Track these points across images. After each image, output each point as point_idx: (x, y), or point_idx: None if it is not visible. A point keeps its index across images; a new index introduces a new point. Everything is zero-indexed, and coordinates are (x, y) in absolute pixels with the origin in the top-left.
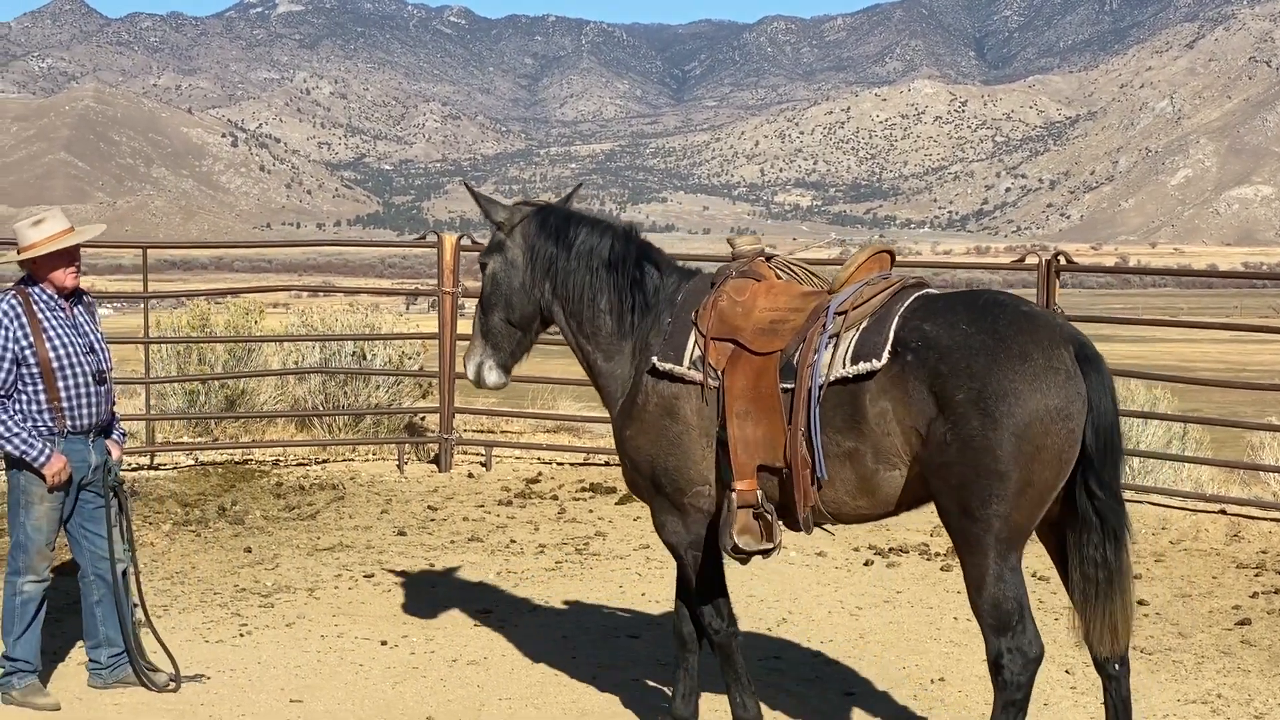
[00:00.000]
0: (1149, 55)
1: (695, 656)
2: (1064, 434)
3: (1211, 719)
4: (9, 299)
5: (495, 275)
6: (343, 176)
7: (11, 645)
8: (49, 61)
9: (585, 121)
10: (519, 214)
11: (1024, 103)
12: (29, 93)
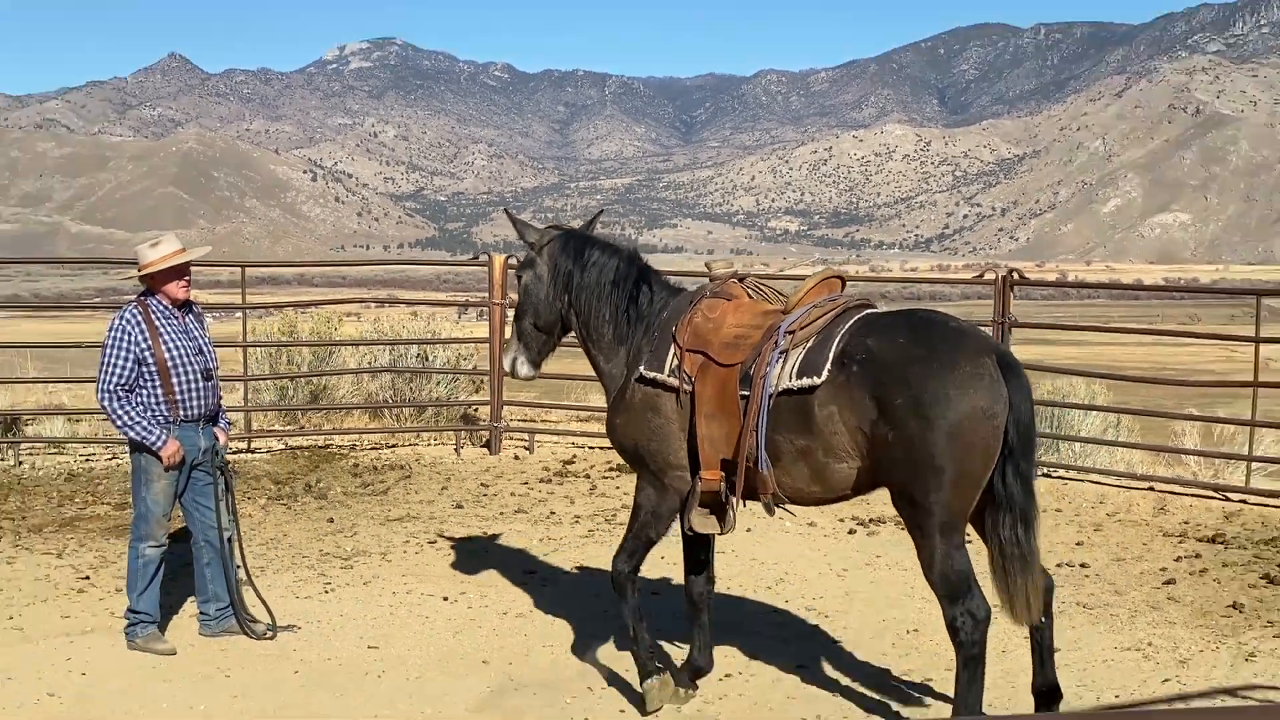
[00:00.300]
0: (1084, 103)
1: (706, 614)
2: (990, 431)
3: (1144, 664)
4: (131, 309)
5: (527, 287)
6: (404, 206)
7: (135, 600)
8: (159, 110)
9: (608, 160)
10: (547, 236)
11: (979, 143)
12: (142, 136)
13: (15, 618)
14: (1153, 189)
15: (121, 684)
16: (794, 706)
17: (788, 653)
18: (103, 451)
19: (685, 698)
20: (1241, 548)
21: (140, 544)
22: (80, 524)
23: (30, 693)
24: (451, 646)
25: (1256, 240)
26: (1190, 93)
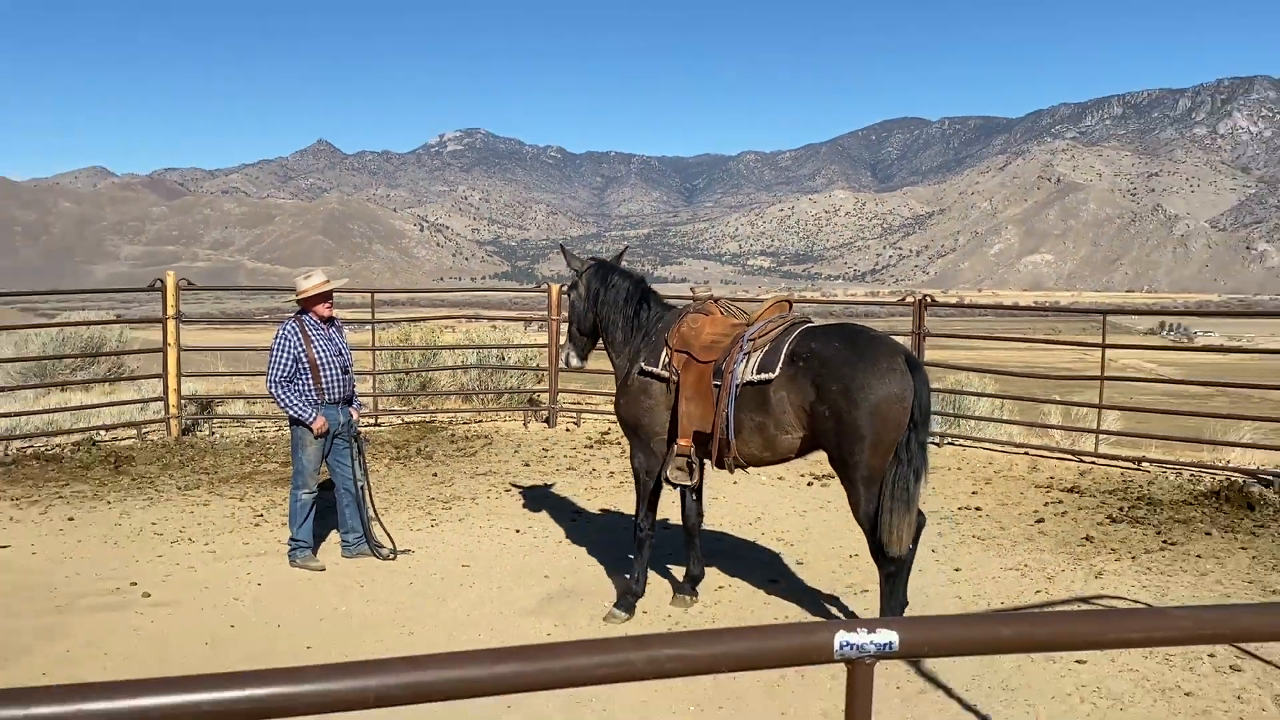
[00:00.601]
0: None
1: (696, 539)
2: (900, 410)
3: (1022, 580)
4: (290, 323)
5: (572, 302)
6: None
7: (295, 531)
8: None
9: (633, 215)
10: (586, 264)
11: (900, 203)
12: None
13: (210, 544)
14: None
15: (286, 590)
16: (769, 609)
17: (763, 571)
18: (271, 425)
19: (690, 603)
20: (1091, 496)
21: (298, 491)
22: (255, 477)
23: (222, 596)
24: (522, 564)
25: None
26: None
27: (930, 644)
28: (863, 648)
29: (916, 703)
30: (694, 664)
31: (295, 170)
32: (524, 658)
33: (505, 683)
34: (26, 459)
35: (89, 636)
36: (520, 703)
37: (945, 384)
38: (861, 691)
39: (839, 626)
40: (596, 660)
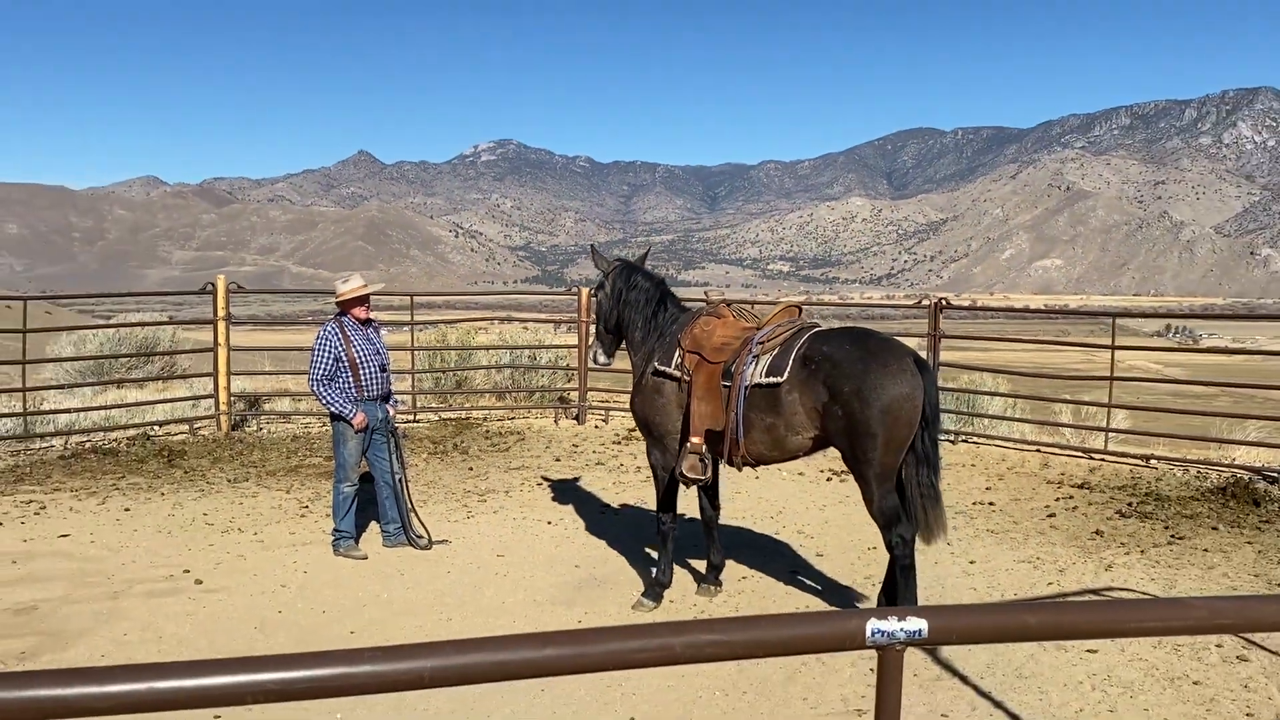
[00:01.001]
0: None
1: (715, 530)
2: (910, 409)
3: (1033, 572)
4: (331, 324)
5: (599, 302)
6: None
7: (338, 522)
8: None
9: (658, 222)
10: (612, 266)
11: (915, 210)
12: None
13: (258, 533)
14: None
15: (330, 578)
16: (790, 598)
17: (784, 563)
18: (315, 421)
19: (715, 593)
20: (1101, 492)
21: (340, 484)
22: (301, 470)
23: (270, 583)
24: (554, 555)
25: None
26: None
27: (959, 631)
28: (893, 635)
29: (933, 689)
30: (732, 650)
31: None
32: (570, 642)
33: (552, 665)
34: (85, 452)
35: (144, 620)
36: (552, 685)
37: (959, 384)
38: (892, 677)
39: (871, 614)
40: (638, 645)
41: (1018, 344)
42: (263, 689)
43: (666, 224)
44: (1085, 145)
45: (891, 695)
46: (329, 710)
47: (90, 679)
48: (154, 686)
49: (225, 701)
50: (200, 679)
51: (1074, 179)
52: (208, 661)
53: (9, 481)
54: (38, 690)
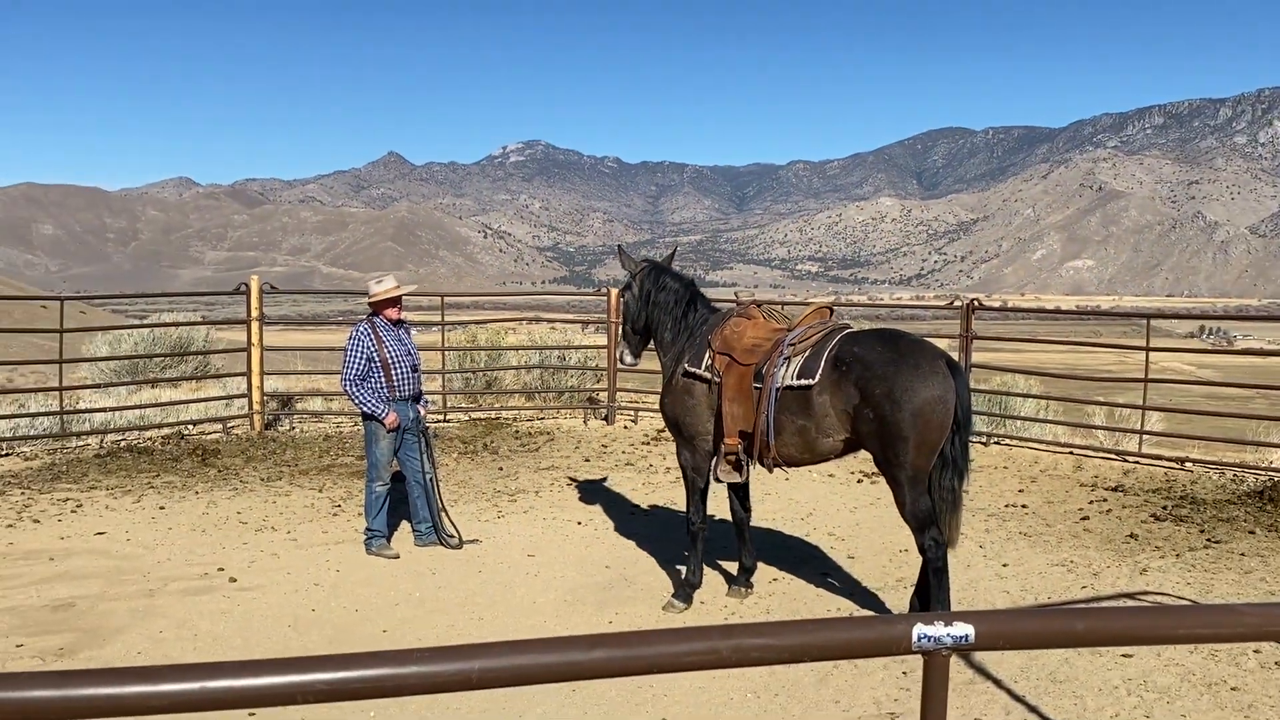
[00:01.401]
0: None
1: (746, 532)
2: (942, 412)
3: (1067, 575)
4: (363, 324)
5: (626, 302)
6: (546, 255)
7: (370, 521)
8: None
9: (686, 223)
10: (639, 266)
11: (945, 210)
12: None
13: (291, 532)
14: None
15: (363, 576)
16: (822, 601)
17: (815, 565)
18: (347, 420)
19: (745, 595)
20: (1136, 495)
21: (372, 483)
22: (333, 470)
23: (303, 581)
24: (584, 555)
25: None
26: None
27: (1005, 637)
28: (940, 640)
29: (966, 693)
30: (778, 653)
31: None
32: (618, 644)
33: (600, 667)
34: (120, 451)
35: (179, 618)
36: (584, 685)
37: (991, 385)
38: (938, 683)
39: (917, 619)
40: (686, 648)
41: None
42: (313, 689)
43: (694, 224)
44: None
45: (937, 702)
46: (362, 709)
47: (142, 678)
48: (206, 686)
49: (276, 701)
50: (252, 679)
51: (1106, 179)
52: (259, 661)
53: (46, 479)
54: (91, 689)
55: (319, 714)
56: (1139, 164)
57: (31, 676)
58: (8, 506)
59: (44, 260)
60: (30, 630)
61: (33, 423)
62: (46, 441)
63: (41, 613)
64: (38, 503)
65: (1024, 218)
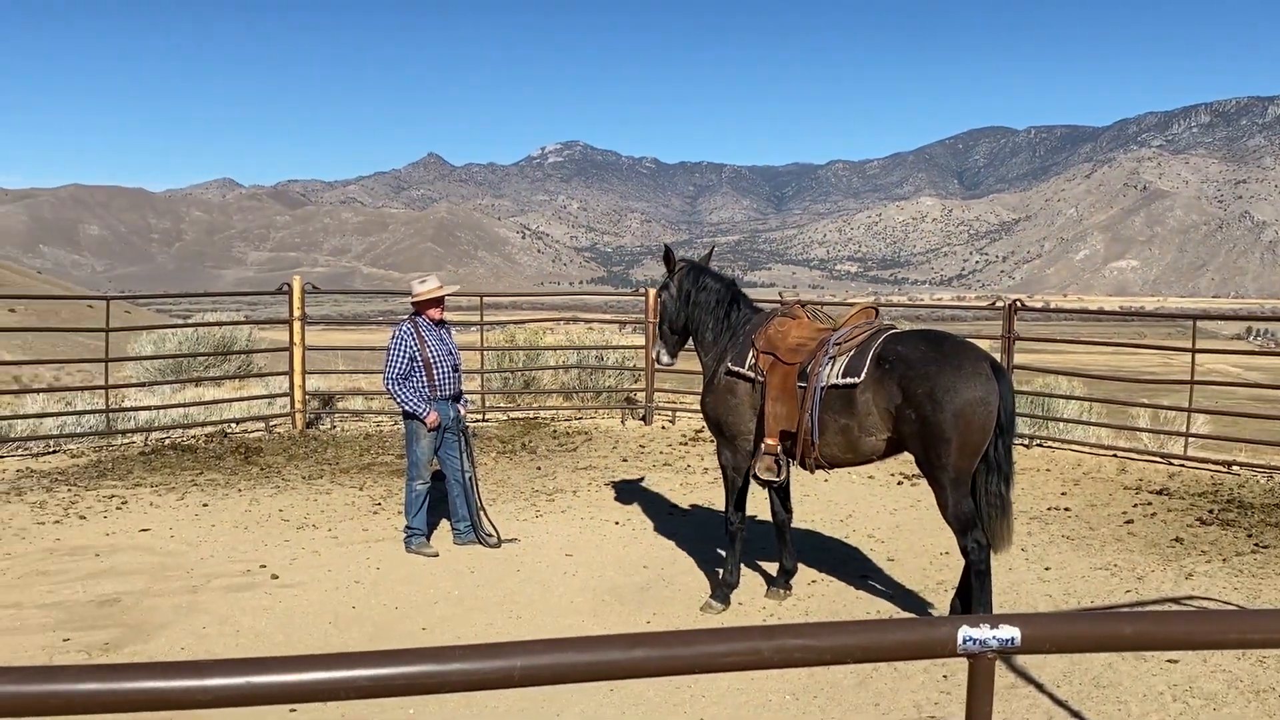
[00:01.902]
0: (1063, 182)
1: (787, 534)
2: (985, 413)
3: (1111, 579)
4: (406, 324)
5: (664, 302)
6: (584, 255)
7: (410, 519)
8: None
9: (724, 223)
10: (678, 267)
11: (986, 210)
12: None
13: (332, 530)
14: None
15: (403, 574)
16: (861, 603)
17: (854, 567)
18: (387, 419)
19: (784, 596)
20: (1181, 498)
21: (412, 482)
22: (373, 468)
23: (344, 578)
24: (621, 555)
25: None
26: (1139, 175)
27: (1052, 640)
28: (985, 643)
29: (1008, 698)
30: (820, 655)
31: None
32: (660, 644)
33: (641, 667)
34: (164, 449)
35: (222, 614)
36: (622, 685)
37: (1034, 387)
38: (983, 686)
39: (962, 621)
40: (727, 648)
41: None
42: (356, 685)
43: (732, 224)
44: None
45: (982, 706)
46: (401, 705)
47: (189, 673)
48: (251, 681)
49: (320, 696)
50: (296, 674)
51: (1151, 178)
52: (303, 657)
53: (92, 477)
54: (138, 683)
55: (358, 711)
56: (1184, 163)
57: (80, 670)
58: (55, 503)
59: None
60: (76, 625)
61: (79, 421)
62: (93, 439)
63: (87, 608)
64: (84, 499)
65: (1067, 218)
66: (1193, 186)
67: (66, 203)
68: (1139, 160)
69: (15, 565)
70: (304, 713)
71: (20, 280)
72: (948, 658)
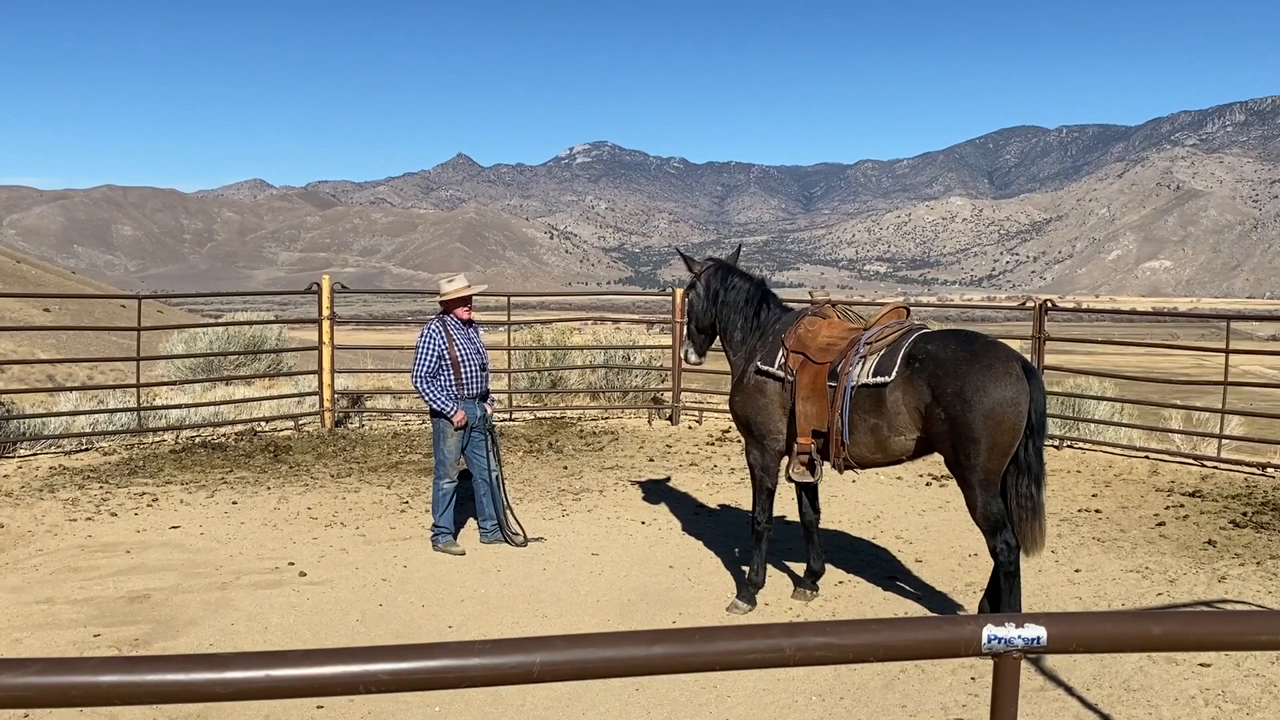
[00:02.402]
0: (1095, 182)
1: (815, 534)
2: (1015, 414)
3: (1142, 582)
4: (434, 323)
5: (691, 302)
6: (611, 255)
7: (437, 518)
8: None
9: (752, 223)
10: (704, 266)
11: (1017, 210)
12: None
13: (360, 528)
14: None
15: (429, 572)
16: (889, 604)
17: (882, 568)
18: (415, 418)
19: (810, 597)
20: (1214, 501)
21: (440, 480)
22: (401, 466)
23: (371, 576)
24: (647, 554)
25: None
26: (1173, 174)
27: (1079, 640)
28: (1010, 642)
29: (1036, 700)
30: (843, 653)
31: (436, 182)
32: (681, 640)
33: (661, 663)
34: (195, 447)
35: (251, 610)
36: (647, 684)
37: (1065, 387)
38: (1008, 686)
39: (987, 620)
40: (748, 645)
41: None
42: (375, 679)
43: (761, 224)
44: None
45: (1007, 705)
46: (427, 703)
47: (209, 665)
48: (271, 674)
49: (339, 691)
50: (316, 668)
51: (1184, 178)
52: (323, 651)
53: (124, 474)
54: (158, 675)
55: (384, 708)
56: (1219, 162)
57: (101, 662)
58: (87, 500)
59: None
60: (107, 621)
61: (111, 419)
62: (124, 437)
63: (118, 604)
64: (115, 497)
65: (1099, 217)
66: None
67: (100, 203)
68: (1172, 159)
69: (48, 561)
70: (330, 709)
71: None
72: (972, 657)
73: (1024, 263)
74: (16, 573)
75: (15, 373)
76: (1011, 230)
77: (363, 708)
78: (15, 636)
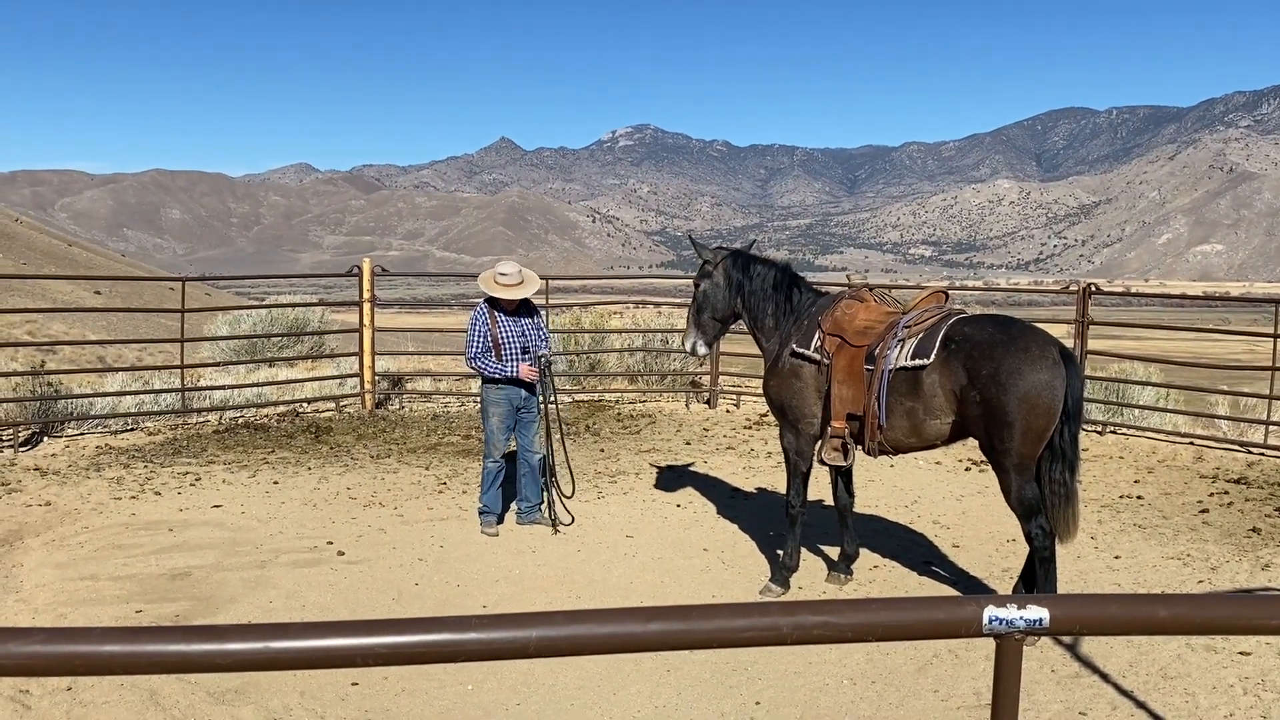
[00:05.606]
0: (1145, 164)
1: (849, 518)
2: (1050, 398)
3: (1183, 569)
4: (483, 306)
5: (706, 291)
6: (653, 239)
7: (482, 495)
8: (493, 175)
9: (795, 206)
10: (720, 255)
11: (1065, 193)
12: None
13: (398, 508)
14: (1195, 227)
15: (465, 552)
16: (923, 589)
17: (918, 553)
18: (454, 400)
19: (844, 581)
20: (1260, 488)
21: (485, 459)
22: (440, 448)
23: (408, 556)
24: (682, 537)
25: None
26: (1226, 156)
27: (1082, 622)
28: (1012, 623)
29: (1071, 686)
30: (840, 632)
31: (479, 166)
32: (677, 617)
33: (657, 640)
34: (238, 427)
35: (289, 589)
36: (678, 666)
37: (1109, 372)
38: (1009, 668)
39: (988, 601)
40: (746, 623)
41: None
42: (373, 652)
43: (804, 208)
44: (1250, 124)
45: (1009, 688)
46: (460, 681)
47: (209, 637)
48: (269, 646)
49: (337, 663)
50: (314, 640)
51: (1238, 160)
52: (321, 624)
53: (168, 454)
54: (159, 645)
55: (417, 685)
56: (1274, 144)
57: (104, 632)
58: (131, 479)
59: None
60: (149, 597)
61: (156, 399)
62: (169, 417)
63: (160, 581)
64: (159, 476)
65: (1149, 200)
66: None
67: (149, 187)
68: (1225, 141)
69: (92, 539)
70: (365, 685)
71: (105, 263)
72: (973, 638)
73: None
74: (63, 549)
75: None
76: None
77: (397, 685)
78: (60, 612)
